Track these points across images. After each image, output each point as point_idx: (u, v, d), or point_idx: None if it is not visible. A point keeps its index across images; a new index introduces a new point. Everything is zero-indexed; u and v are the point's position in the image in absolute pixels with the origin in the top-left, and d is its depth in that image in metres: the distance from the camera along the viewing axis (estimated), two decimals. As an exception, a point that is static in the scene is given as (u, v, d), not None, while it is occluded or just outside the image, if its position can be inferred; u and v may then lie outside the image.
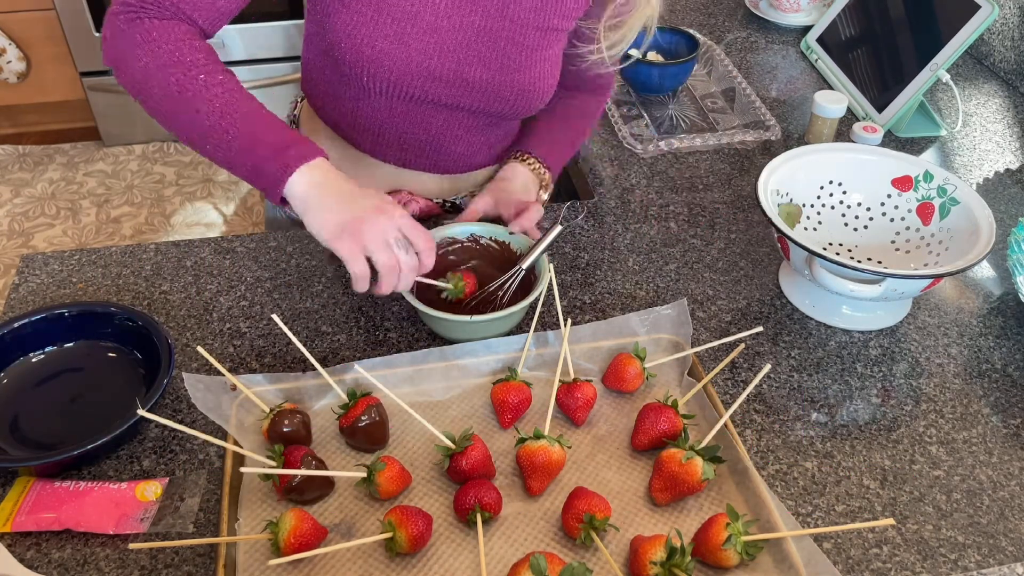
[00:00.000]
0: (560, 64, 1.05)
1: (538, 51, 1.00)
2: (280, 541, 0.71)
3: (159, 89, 0.84)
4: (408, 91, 0.98)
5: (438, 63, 0.96)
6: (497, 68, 0.98)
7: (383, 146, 1.07)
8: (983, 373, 0.97)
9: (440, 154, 1.09)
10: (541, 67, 1.01)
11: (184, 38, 0.85)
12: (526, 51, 0.99)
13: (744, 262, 1.10)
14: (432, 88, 0.98)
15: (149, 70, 0.84)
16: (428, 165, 1.10)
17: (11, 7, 2.59)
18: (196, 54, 0.85)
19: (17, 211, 2.63)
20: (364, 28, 0.93)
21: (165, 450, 0.84)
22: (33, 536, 0.76)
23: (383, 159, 1.09)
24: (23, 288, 1.01)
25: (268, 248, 1.08)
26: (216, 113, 0.83)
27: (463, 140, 1.07)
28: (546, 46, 1.00)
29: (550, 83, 1.03)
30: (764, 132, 1.34)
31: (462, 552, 0.76)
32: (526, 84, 1.00)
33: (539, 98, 1.03)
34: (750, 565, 0.74)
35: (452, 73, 0.97)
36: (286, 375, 0.87)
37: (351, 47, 0.94)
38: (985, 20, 1.25)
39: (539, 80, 1.01)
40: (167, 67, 0.84)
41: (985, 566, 0.78)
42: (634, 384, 0.89)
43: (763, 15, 1.71)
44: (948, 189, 1.02)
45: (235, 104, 0.84)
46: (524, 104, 1.02)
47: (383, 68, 0.95)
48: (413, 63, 0.95)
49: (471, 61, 0.97)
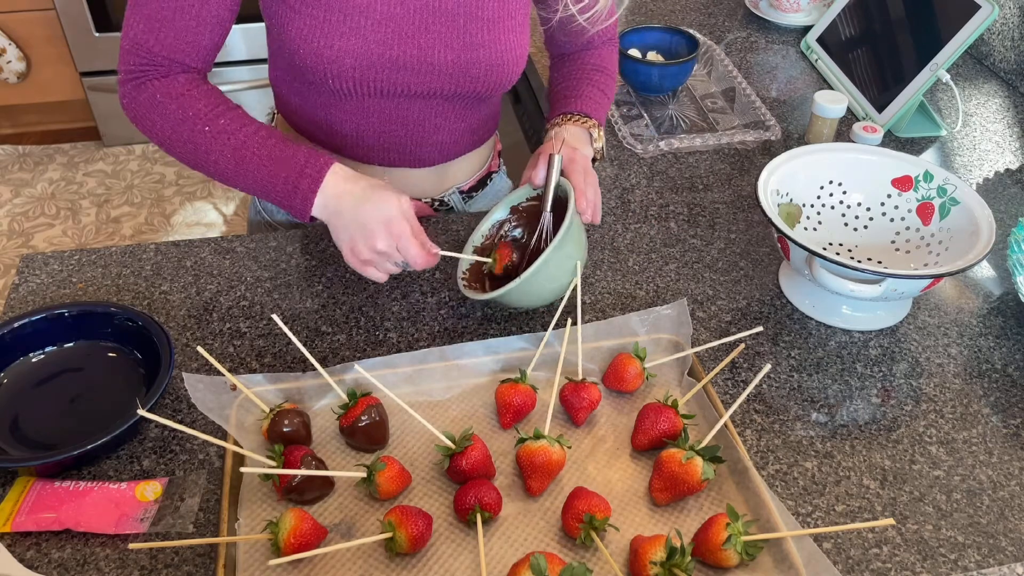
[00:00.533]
0: (528, 32, 1.03)
1: (500, 22, 0.98)
2: (280, 541, 0.71)
3: (178, 146, 0.93)
4: (375, 86, 0.97)
5: (399, 51, 0.95)
6: (461, 47, 0.97)
7: (364, 149, 1.07)
8: (983, 373, 0.97)
9: (422, 146, 1.08)
10: (507, 38, 0.99)
11: (184, 92, 0.92)
12: (487, 24, 0.97)
13: (744, 262, 1.10)
14: (399, 78, 0.97)
15: (164, 131, 0.92)
16: (413, 160, 1.10)
17: (11, 7, 2.59)
18: (197, 104, 0.91)
19: (17, 211, 2.64)
20: (318, 30, 0.93)
21: (165, 450, 0.84)
22: (33, 536, 0.76)
23: (367, 161, 1.09)
24: (23, 288, 1.01)
25: (268, 248, 1.08)
26: (230, 161, 0.91)
27: (443, 128, 1.07)
28: (508, 15, 0.99)
29: (519, 53, 1.01)
30: (764, 132, 1.34)
31: (462, 552, 0.76)
32: (494, 59, 0.99)
33: (510, 71, 1.01)
34: (750, 565, 0.74)
35: (416, 60, 0.96)
36: (286, 375, 0.87)
37: (310, 51, 0.94)
38: (985, 20, 1.25)
39: (506, 52, 1.00)
40: (177, 126, 0.91)
41: (985, 566, 0.78)
42: (634, 384, 0.89)
43: (763, 15, 1.71)
44: (948, 189, 1.02)
45: (242, 148, 0.91)
46: (496, 79, 1.01)
47: (345, 67, 0.94)
48: (374, 55, 0.94)
49: (433, 44, 0.96)
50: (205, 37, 0.93)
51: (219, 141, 0.91)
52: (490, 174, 1.23)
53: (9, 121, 2.95)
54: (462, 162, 1.15)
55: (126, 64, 0.93)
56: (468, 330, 0.98)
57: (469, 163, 1.16)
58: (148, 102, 0.92)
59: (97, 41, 2.61)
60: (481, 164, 1.20)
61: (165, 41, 0.91)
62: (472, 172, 1.18)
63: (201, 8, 0.90)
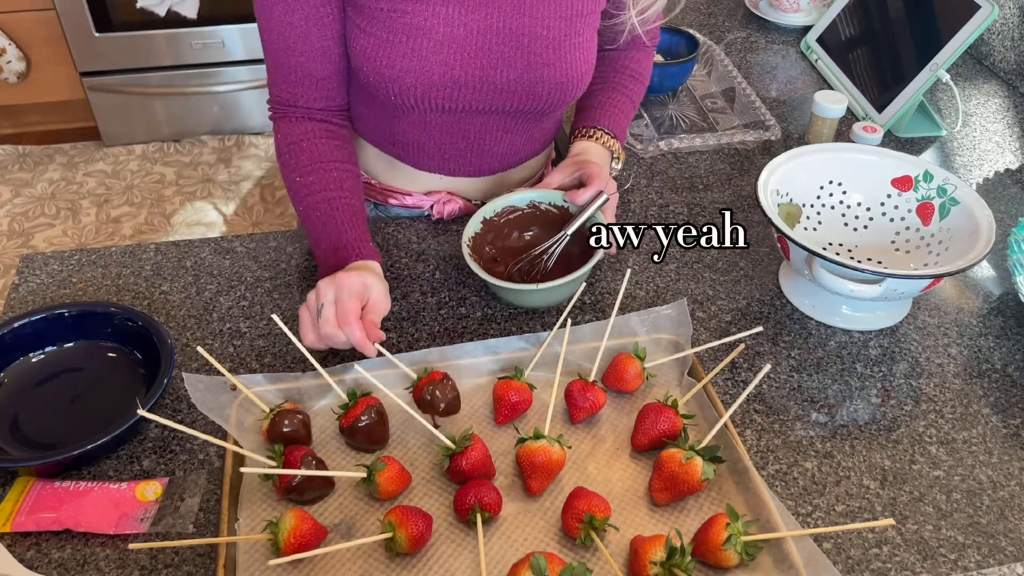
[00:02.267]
0: (595, 47, 1.03)
1: (566, 40, 0.98)
2: (280, 541, 0.71)
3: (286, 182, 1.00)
4: (436, 103, 0.98)
5: (461, 71, 0.95)
6: (524, 66, 0.97)
7: (424, 158, 1.08)
8: (983, 373, 0.97)
9: (482, 158, 1.09)
10: (572, 56, 0.99)
11: (297, 141, 0.99)
12: (553, 44, 0.97)
13: (744, 262, 1.10)
14: (461, 96, 0.98)
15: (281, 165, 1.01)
16: (471, 170, 1.10)
17: (11, 7, 2.59)
18: (302, 156, 0.98)
19: (17, 211, 2.64)
20: (381, 49, 0.94)
21: (165, 450, 0.84)
22: (33, 536, 0.76)
23: (427, 170, 1.10)
24: (23, 288, 1.01)
25: (268, 248, 1.08)
26: (301, 216, 0.98)
27: (503, 141, 1.07)
28: (575, 34, 0.98)
29: (584, 70, 1.01)
30: (764, 132, 1.34)
31: (462, 552, 0.76)
32: (559, 77, 0.99)
33: (575, 88, 1.01)
34: (750, 565, 0.74)
35: (478, 79, 0.96)
36: (286, 375, 0.87)
37: (372, 70, 0.95)
38: (985, 20, 1.25)
39: (571, 70, 0.99)
40: (283, 166, 1.00)
41: (985, 566, 0.78)
42: (634, 384, 0.89)
43: (763, 15, 1.71)
44: (948, 189, 1.02)
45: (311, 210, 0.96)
46: (559, 97, 1.01)
47: (406, 85, 0.95)
48: (435, 75, 0.95)
49: (496, 64, 0.96)
50: (319, 69, 0.97)
51: (302, 192, 0.97)
52: (542, 179, 1.23)
53: (9, 121, 2.95)
54: (520, 170, 1.15)
55: (270, 101, 1.02)
56: (468, 330, 0.98)
57: (527, 170, 1.17)
58: (276, 141, 1.01)
59: (97, 41, 2.61)
60: (536, 171, 1.20)
61: (288, 80, 0.98)
62: (526, 179, 1.19)
63: (305, 43, 0.94)
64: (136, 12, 2.55)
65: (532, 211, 1.04)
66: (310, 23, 0.93)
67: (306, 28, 0.93)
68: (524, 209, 1.04)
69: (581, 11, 0.98)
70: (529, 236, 1.05)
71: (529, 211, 1.04)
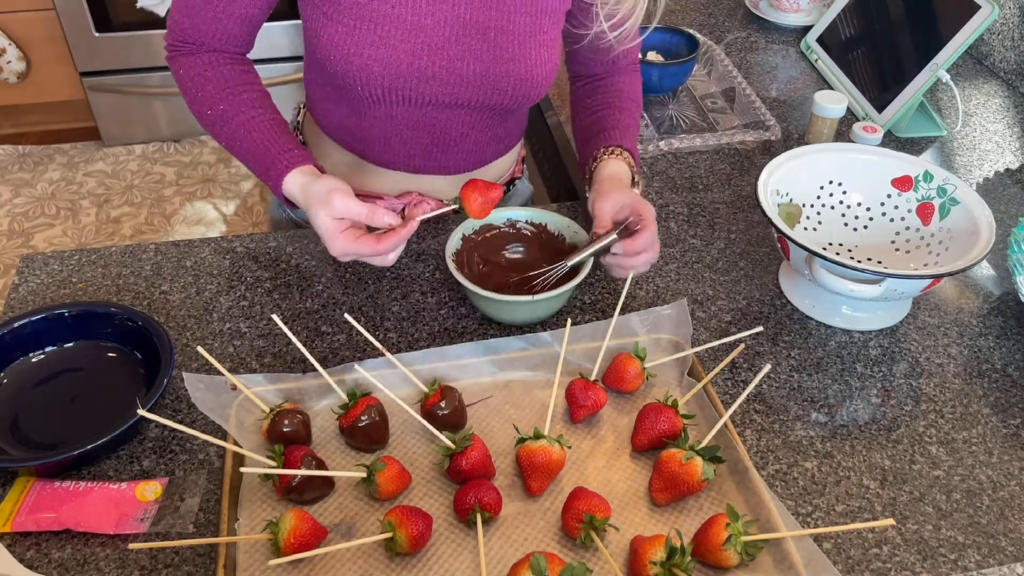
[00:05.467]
0: (559, 48, 1.03)
1: (532, 37, 0.98)
2: (280, 541, 0.71)
3: (199, 119, 1.00)
4: (403, 94, 0.98)
5: (428, 62, 0.95)
6: (490, 60, 0.97)
7: (390, 155, 1.08)
8: (983, 373, 0.97)
9: (448, 155, 1.08)
10: (537, 53, 0.99)
11: (202, 72, 0.98)
12: (518, 39, 0.97)
13: (744, 262, 1.10)
14: (427, 88, 0.98)
15: (189, 104, 1.00)
16: (437, 167, 1.10)
17: (11, 7, 2.59)
18: (208, 86, 0.98)
19: (17, 211, 2.64)
20: (349, 38, 0.94)
21: (165, 450, 0.84)
22: (33, 536, 0.76)
23: (393, 168, 1.09)
24: (23, 288, 1.01)
25: (268, 248, 1.08)
26: (226, 145, 0.98)
27: (469, 137, 1.07)
28: (539, 31, 0.99)
29: (548, 68, 1.01)
30: (764, 132, 1.34)
31: (462, 552, 0.76)
32: (523, 73, 0.99)
33: (539, 86, 1.01)
34: (750, 565, 0.74)
35: (444, 71, 0.97)
36: (286, 375, 0.87)
37: (340, 59, 0.95)
38: (985, 20, 1.25)
39: (536, 67, 0.99)
40: (192, 103, 0.99)
41: (985, 566, 0.78)
42: (634, 384, 0.89)
43: (763, 15, 1.71)
44: (948, 189, 1.02)
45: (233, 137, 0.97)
46: (524, 93, 1.01)
47: (373, 74, 0.95)
48: (403, 65, 0.95)
49: (463, 56, 0.96)
50: (233, 29, 0.98)
51: (217, 125, 0.98)
52: (513, 180, 1.23)
53: (9, 121, 2.95)
54: (487, 170, 1.15)
55: (167, 40, 1.01)
56: (468, 330, 0.98)
57: (494, 170, 1.16)
58: (177, 75, 1.01)
59: (97, 41, 2.61)
60: (505, 171, 1.20)
61: (195, 24, 0.97)
62: (496, 179, 1.18)
63: (229, 4, 0.95)
64: (136, 12, 2.55)
65: (532, 228, 1.03)
66: None
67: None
68: (523, 226, 1.03)
69: (546, 8, 0.98)
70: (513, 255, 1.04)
71: (528, 227, 1.03)
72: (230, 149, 0.98)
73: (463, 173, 1.12)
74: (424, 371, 0.89)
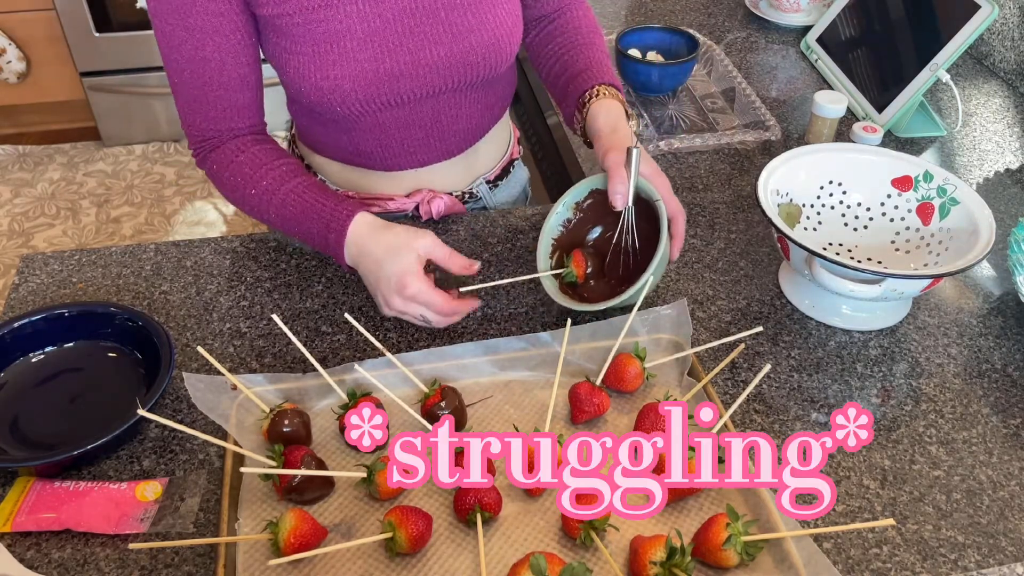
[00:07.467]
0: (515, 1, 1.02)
1: (482, 1, 0.97)
2: (280, 541, 0.71)
3: (243, 207, 1.00)
4: (380, 101, 0.98)
5: (392, 62, 0.95)
6: (450, 40, 0.97)
7: (391, 159, 1.08)
8: (983, 373, 0.97)
9: (445, 140, 1.08)
10: (494, 15, 0.98)
11: (234, 159, 0.98)
12: (471, 9, 0.97)
13: (744, 262, 1.10)
14: (401, 87, 0.97)
15: (228, 195, 1.00)
16: (440, 155, 1.10)
17: (11, 7, 2.59)
18: (244, 169, 0.97)
19: (17, 211, 2.64)
20: (311, 63, 0.94)
21: (165, 450, 0.84)
22: (33, 536, 0.76)
23: (397, 168, 1.10)
24: (23, 288, 1.01)
25: (268, 248, 1.08)
26: (277, 220, 0.97)
27: (462, 116, 1.07)
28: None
29: (511, 24, 1.00)
30: (764, 132, 1.34)
31: (462, 552, 0.76)
32: (487, 40, 0.98)
33: (508, 45, 1.01)
34: (750, 565, 0.74)
35: (410, 65, 0.96)
36: (286, 375, 0.87)
37: (310, 87, 0.95)
38: (985, 20, 1.25)
39: (498, 29, 0.99)
40: (232, 192, 0.99)
41: (985, 566, 0.78)
42: (634, 384, 0.89)
43: (763, 15, 1.71)
44: (948, 189, 1.02)
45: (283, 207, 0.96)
46: (496, 59, 1.00)
47: (345, 91, 0.95)
48: (368, 73, 0.95)
49: (422, 45, 0.96)
50: (239, 99, 0.97)
51: (264, 201, 0.97)
52: (512, 162, 1.24)
53: (9, 121, 2.95)
54: (487, 144, 1.15)
55: (190, 147, 1.01)
56: (468, 330, 0.98)
57: (495, 147, 1.17)
58: (211, 173, 1.00)
59: (97, 41, 2.61)
60: (503, 150, 1.21)
61: (206, 116, 0.97)
62: (496, 159, 1.19)
63: (221, 75, 0.94)
64: (136, 12, 2.55)
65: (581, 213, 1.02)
66: (224, 54, 0.93)
67: (221, 60, 0.93)
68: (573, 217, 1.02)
69: None
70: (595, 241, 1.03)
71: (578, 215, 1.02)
72: (280, 219, 0.96)
73: (464, 152, 1.12)
74: (424, 371, 0.89)
